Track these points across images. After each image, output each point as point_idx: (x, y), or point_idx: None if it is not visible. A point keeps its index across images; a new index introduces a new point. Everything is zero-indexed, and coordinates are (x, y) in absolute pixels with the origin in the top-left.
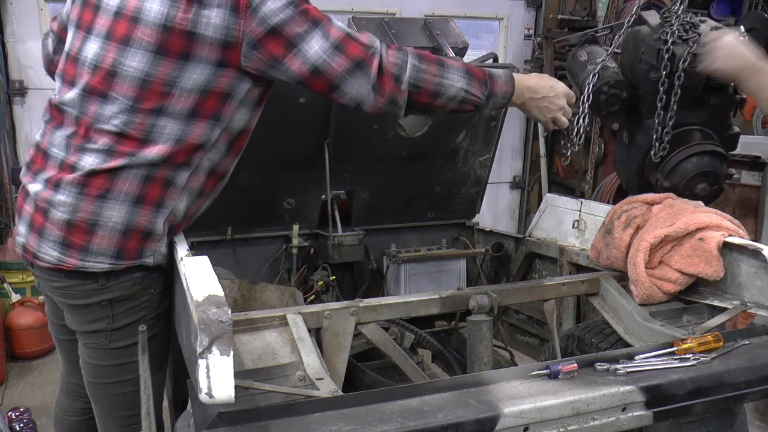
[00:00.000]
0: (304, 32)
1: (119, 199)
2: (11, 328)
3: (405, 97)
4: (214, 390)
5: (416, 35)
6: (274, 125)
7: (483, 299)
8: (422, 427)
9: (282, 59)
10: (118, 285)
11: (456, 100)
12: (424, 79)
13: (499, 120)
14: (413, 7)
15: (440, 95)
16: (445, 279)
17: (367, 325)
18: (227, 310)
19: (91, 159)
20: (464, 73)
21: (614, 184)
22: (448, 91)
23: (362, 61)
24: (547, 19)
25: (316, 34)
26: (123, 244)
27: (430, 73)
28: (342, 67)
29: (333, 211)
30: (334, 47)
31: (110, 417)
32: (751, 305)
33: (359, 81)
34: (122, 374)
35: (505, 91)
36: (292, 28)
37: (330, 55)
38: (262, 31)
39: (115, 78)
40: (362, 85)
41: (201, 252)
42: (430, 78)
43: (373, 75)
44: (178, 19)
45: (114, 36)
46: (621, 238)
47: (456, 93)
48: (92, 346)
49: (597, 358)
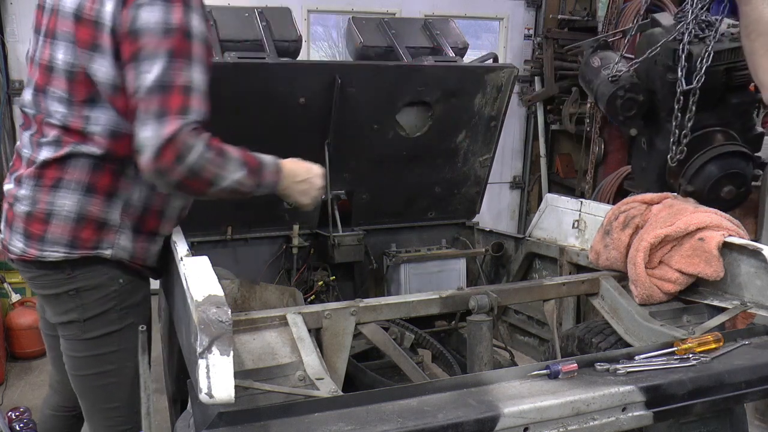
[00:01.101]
0: (153, 53)
1: (70, 188)
2: (11, 328)
3: (176, 179)
4: (214, 390)
5: (416, 35)
6: (274, 125)
7: (483, 299)
8: (422, 427)
9: (126, 63)
10: (83, 275)
11: (227, 190)
12: (205, 168)
13: (499, 120)
14: (413, 7)
15: (215, 185)
16: (445, 279)
17: (367, 325)
18: (227, 310)
19: (44, 151)
20: (241, 165)
21: (614, 184)
22: (222, 183)
23: (166, 116)
24: (547, 19)
25: (161, 63)
26: (76, 233)
27: (212, 164)
28: (151, 106)
29: (333, 211)
30: (161, 86)
31: (95, 410)
32: (751, 305)
33: (151, 130)
34: (99, 365)
35: (272, 180)
36: (147, 42)
37: (153, 88)
38: (127, 27)
39: (52, 73)
40: (149, 138)
41: (201, 252)
42: (211, 168)
43: (165, 137)
44: (86, 9)
45: (48, 32)
46: (620, 238)
47: (229, 184)
48: (68, 337)
49: (597, 358)
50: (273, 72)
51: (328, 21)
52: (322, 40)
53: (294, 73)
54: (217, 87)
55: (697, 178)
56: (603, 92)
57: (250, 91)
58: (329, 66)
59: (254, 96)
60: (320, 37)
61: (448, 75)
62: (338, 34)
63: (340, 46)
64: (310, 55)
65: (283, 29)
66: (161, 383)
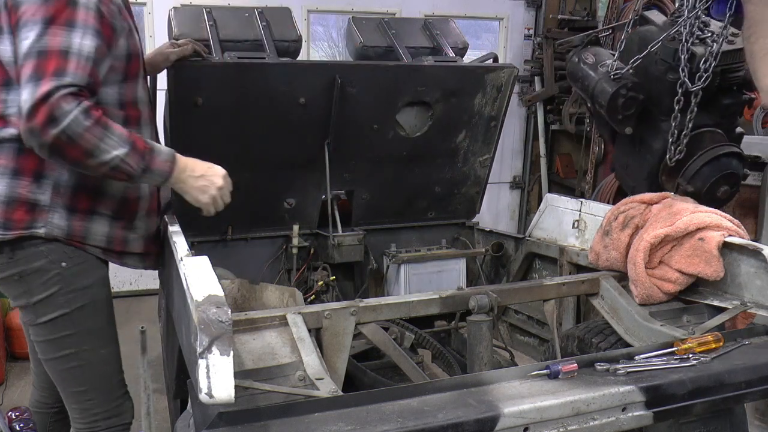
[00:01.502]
0: (30, 20)
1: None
2: (11, 328)
3: (48, 141)
4: (214, 390)
5: (416, 35)
6: (274, 125)
7: (483, 299)
8: (422, 427)
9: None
10: (24, 258)
11: (109, 166)
12: (81, 135)
13: (499, 120)
14: (413, 7)
15: (95, 157)
16: (445, 279)
17: (367, 325)
18: (227, 310)
19: None
20: (124, 142)
21: (614, 184)
22: (103, 156)
23: (41, 79)
24: (547, 19)
25: (37, 28)
26: (8, 215)
27: (90, 133)
28: (28, 70)
29: (333, 211)
30: (38, 50)
31: (66, 395)
32: (751, 305)
33: (27, 93)
34: (59, 349)
35: (163, 169)
36: (25, 10)
37: (30, 53)
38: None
39: None
40: (25, 101)
41: (201, 252)
42: (89, 137)
43: (37, 97)
44: None
45: None
46: (619, 238)
47: (111, 159)
48: (28, 323)
49: (597, 358)
50: (273, 72)
51: (328, 21)
52: (322, 40)
53: (294, 73)
54: (218, 87)
55: (696, 178)
56: (603, 90)
57: (250, 91)
58: (329, 66)
59: (254, 96)
60: (320, 37)
61: (448, 75)
62: (338, 34)
63: (340, 46)
64: (310, 55)
65: (283, 29)
66: (161, 383)
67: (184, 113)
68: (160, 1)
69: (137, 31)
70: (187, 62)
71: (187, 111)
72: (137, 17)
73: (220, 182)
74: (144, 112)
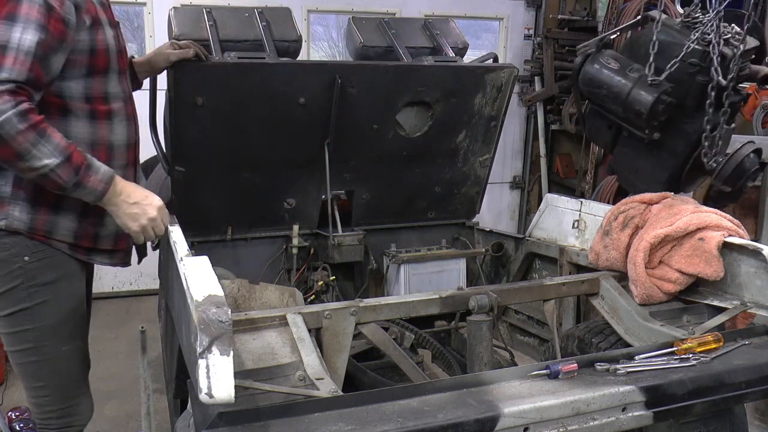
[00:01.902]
0: None
1: None
2: None
3: None
4: (214, 390)
5: (416, 35)
6: (274, 125)
7: (483, 299)
8: (422, 427)
9: None
10: None
11: (38, 173)
12: (13, 137)
13: (499, 120)
14: (413, 7)
15: (25, 161)
16: (445, 279)
17: (367, 325)
18: (227, 310)
19: None
20: (59, 153)
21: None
22: (33, 162)
23: None
24: (547, 19)
25: None
26: None
27: (23, 136)
28: None
29: (333, 211)
30: None
31: (25, 388)
32: (751, 305)
33: None
34: (18, 343)
35: (96, 188)
36: None
37: None
38: None
39: None
40: None
41: (201, 252)
42: (21, 141)
43: None
44: None
45: None
46: (619, 238)
47: (41, 167)
48: None
49: (597, 358)
50: (273, 72)
51: (328, 21)
52: (322, 40)
53: (294, 73)
54: (218, 87)
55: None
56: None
57: (250, 91)
58: (329, 66)
59: (254, 96)
60: (320, 37)
61: (448, 75)
62: (338, 34)
63: (340, 46)
64: (310, 55)
65: (283, 29)
66: (161, 383)
67: (185, 113)
68: (160, 1)
69: (115, 26)
70: (188, 62)
71: (188, 111)
72: (137, 17)
73: (153, 213)
74: (116, 107)
